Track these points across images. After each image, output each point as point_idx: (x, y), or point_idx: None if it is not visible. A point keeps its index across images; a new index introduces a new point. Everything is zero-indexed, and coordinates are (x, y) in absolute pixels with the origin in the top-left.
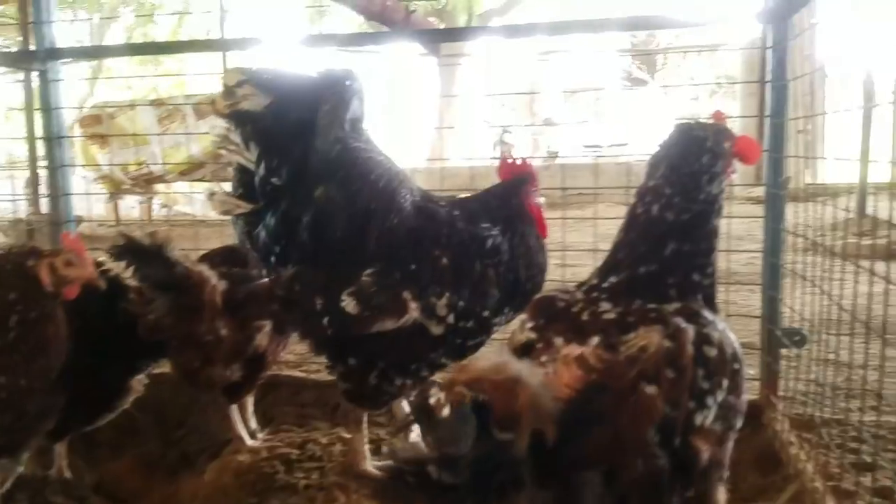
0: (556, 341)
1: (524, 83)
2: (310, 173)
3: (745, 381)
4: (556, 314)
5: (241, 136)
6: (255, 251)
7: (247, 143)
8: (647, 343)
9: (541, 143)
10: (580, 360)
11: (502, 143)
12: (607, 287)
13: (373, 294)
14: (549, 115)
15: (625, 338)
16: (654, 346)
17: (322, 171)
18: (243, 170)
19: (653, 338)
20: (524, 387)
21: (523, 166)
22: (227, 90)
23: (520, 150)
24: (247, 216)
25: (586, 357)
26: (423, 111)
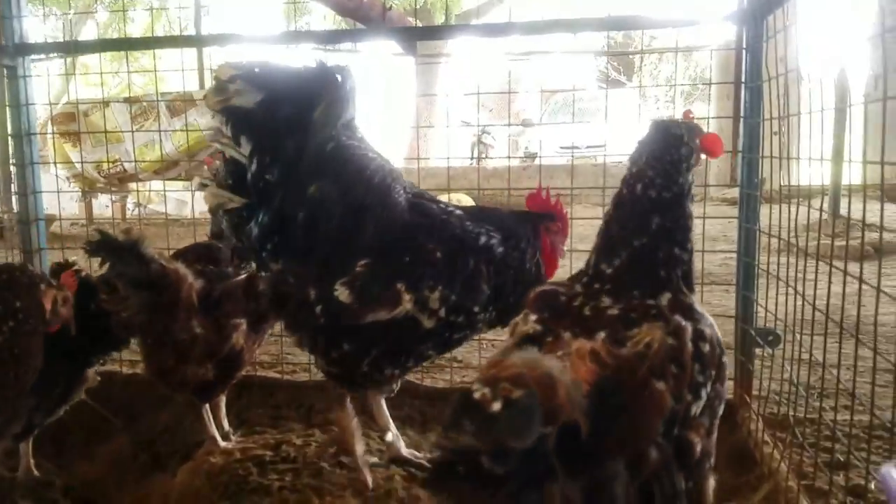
0: (565, 336)
1: (502, 84)
2: (304, 170)
3: (726, 371)
4: (559, 308)
5: (232, 132)
6: (242, 246)
7: (237, 138)
8: (651, 339)
9: (519, 144)
10: (593, 354)
11: (481, 143)
12: (609, 275)
13: (367, 284)
14: (526, 116)
15: (629, 333)
16: (658, 342)
17: (316, 168)
18: (235, 162)
19: (656, 334)
20: (559, 382)
21: (554, 206)
22: (218, 86)
23: (498, 151)
24: (236, 210)
25: (598, 352)
26: (401, 111)
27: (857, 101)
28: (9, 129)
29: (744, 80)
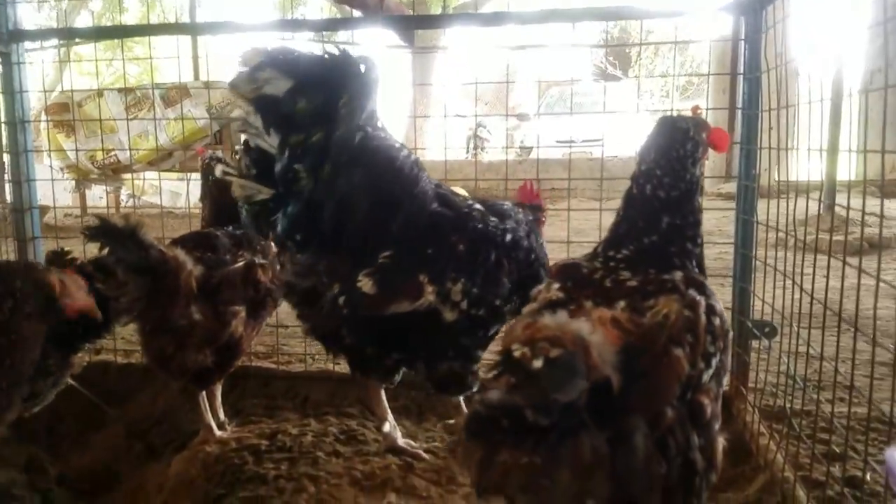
0: (586, 304)
1: (498, 78)
2: (334, 161)
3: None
4: (581, 278)
5: (262, 122)
6: (264, 236)
7: (268, 128)
8: (669, 311)
9: (515, 138)
10: (615, 321)
11: (477, 137)
12: (621, 258)
13: (390, 275)
14: (522, 109)
15: (647, 304)
16: (676, 313)
17: (346, 159)
18: (260, 152)
19: (674, 306)
20: (591, 342)
21: (538, 197)
22: (250, 74)
23: (494, 144)
24: (260, 202)
25: (620, 319)
26: (396, 102)
27: (854, 97)
28: (2, 117)
29: (742, 71)
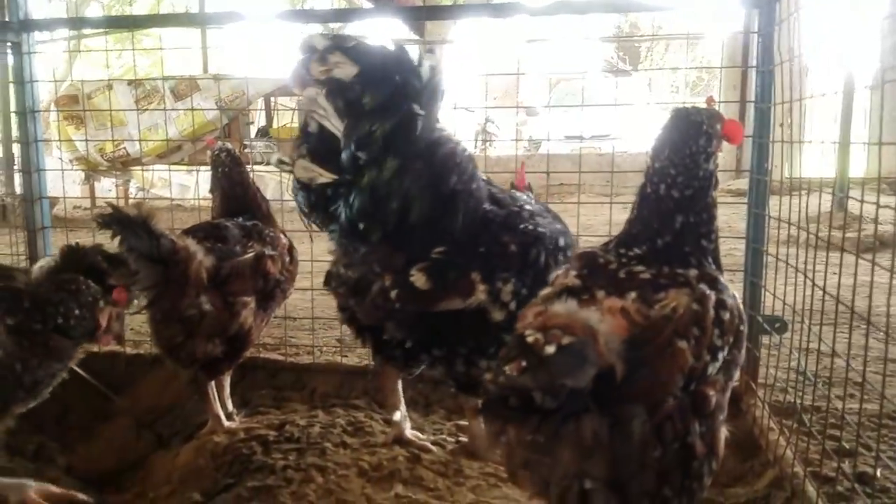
0: (599, 294)
1: (507, 72)
2: (397, 152)
3: (745, 338)
4: (597, 268)
5: (331, 105)
6: (319, 223)
7: (338, 113)
8: (678, 304)
9: (523, 133)
10: (623, 312)
11: (485, 132)
12: (634, 255)
13: (443, 271)
14: (531, 104)
15: (657, 297)
16: (684, 307)
17: (409, 153)
18: (320, 137)
19: (682, 300)
20: (598, 331)
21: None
22: (320, 56)
23: (502, 138)
24: (318, 188)
25: (628, 310)
26: None
27: (864, 93)
28: (13, 107)
29: (755, 64)
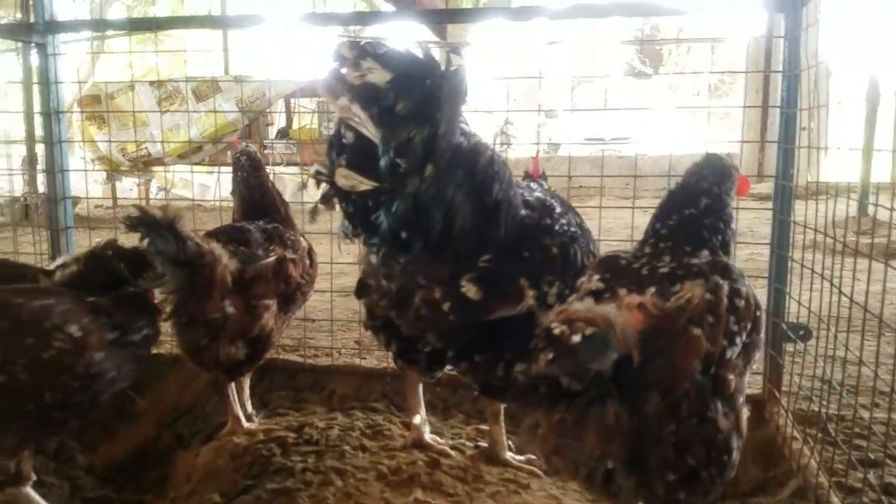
0: (620, 291)
1: (527, 73)
2: (436, 160)
3: (763, 324)
4: (619, 269)
5: (366, 113)
6: (360, 235)
7: (373, 120)
8: (692, 296)
9: (543, 135)
10: (641, 307)
11: (504, 133)
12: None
13: (493, 280)
14: (551, 106)
15: (673, 289)
16: (698, 298)
17: (450, 159)
18: (356, 148)
19: (696, 291)
20: (615, 322)
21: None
22: (353, 62)
23: (521, 141)
24: (358, 200)
25: (645, 304)
26: None
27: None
28: (38, 108)
29: (782, 69)
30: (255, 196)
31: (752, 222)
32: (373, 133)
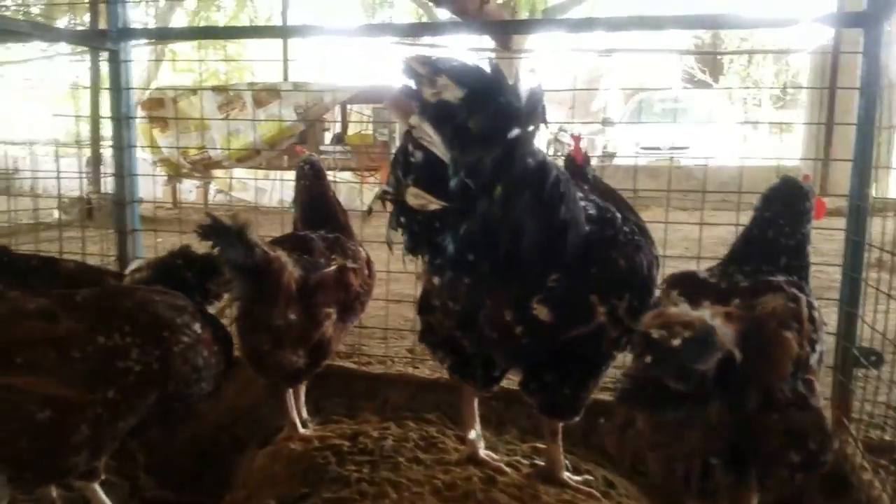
0: (705, 303)
1: (582, 81)
2: (504, 182)
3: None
4: (698, 284)
5: (437, 131)
6: (423, 254)
7: (445, 139)
8: (776, 305)
9: (597, 143)
10: (727, 315)
11: (557, 141)
12: (736, 269)
13: (564, 300)
14: (607, 114)
15: (755, 301)
16: (782, 306)
17: (516, 181)
18: (424, 166)
19: (779, 301)
20: (713, 325)
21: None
22: (427, 78)
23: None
24: (424, 220)
25: (733, 314)
26: None
27: None
28: (106, 112)
29: (859, 85)
30: (316, 205)
31: (815, 239)
32: (443, 153)
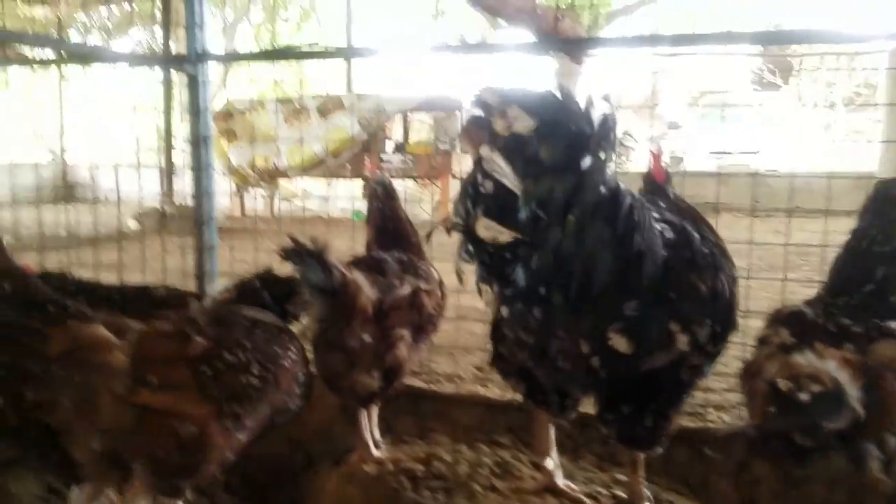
0: (818, 346)
1: (646, 85)
2: (577, 212)
3: None
4: (808, 325)
5: (508, 162)
6: (492, 285)
7: (515, 170)
8: (890, 355)
9: (664, 148)
10: (846, 362)
11: (622, 146)
12: (842, 305)
13: (643, 329)
14: (673, 118)
15: (868, 348)
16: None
17: (589, 211)
18: (493, 197)
19: (890, 351)
20: (838, 379)
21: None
22: (498, 109)
23: (640, 154)
24: (495, 252)
25: (850, 360)
26: None
27: None
28: (180, 129)
29: None
30: (388, 226)
31: None
32: (514, 184)
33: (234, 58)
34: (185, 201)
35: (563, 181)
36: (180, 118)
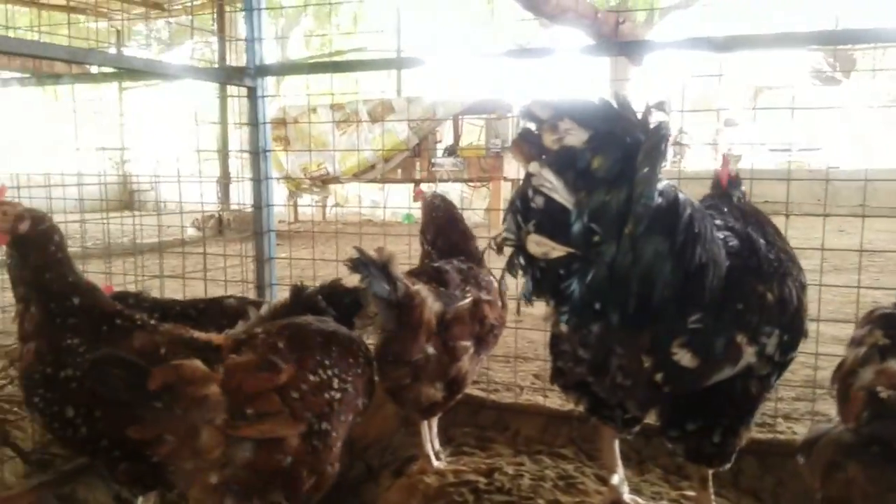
0: None
1: (703, 79)
2: (633, 225)
3: None
4: None
5: (560, 177)
6: (548, 301)
7: (567, 184)
8: None
9: (721, 145)
10: None
11: (677, 143)
12: None
13: (708, 342)
14: (730, 115)
15: None
16: None
17: (646, 224)
18: (545, 211)
19: None
20: None
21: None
22: (549, 123)
23: (697, 151)
24: (549, 267)
25: None
26: None
27: None
28: (238, 143)
29: None
30: (451, 237)
31: None
32: (565, 199)
33: (291, 70)
34: (242, 209)
35: (616, 193)
36: (237, 128)
